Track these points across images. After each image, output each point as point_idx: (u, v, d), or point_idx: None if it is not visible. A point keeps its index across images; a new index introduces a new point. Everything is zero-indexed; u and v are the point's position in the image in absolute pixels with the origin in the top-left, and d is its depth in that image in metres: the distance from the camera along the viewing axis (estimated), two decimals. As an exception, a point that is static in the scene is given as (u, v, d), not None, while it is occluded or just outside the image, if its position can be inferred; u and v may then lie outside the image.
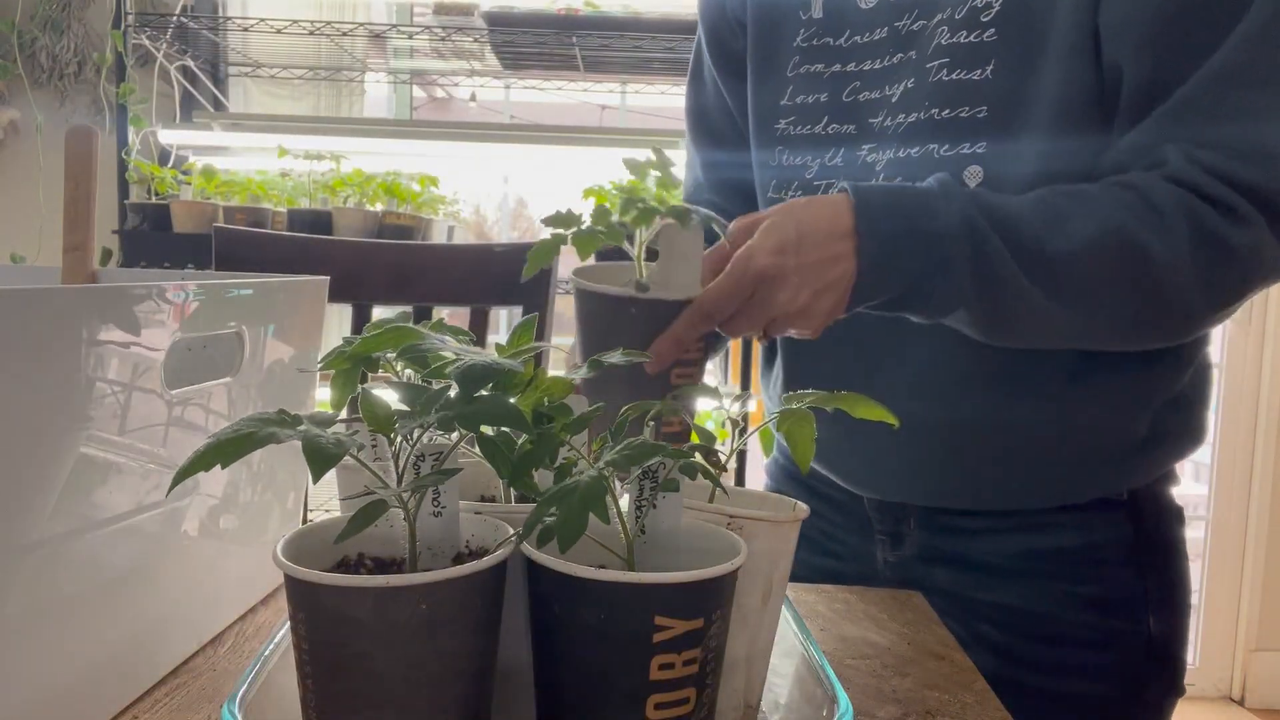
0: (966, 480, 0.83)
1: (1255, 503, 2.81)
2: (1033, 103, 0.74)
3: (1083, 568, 0.81)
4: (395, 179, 2.28)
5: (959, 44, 0.77)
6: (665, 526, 0.51)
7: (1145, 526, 0.81)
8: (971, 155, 0.77)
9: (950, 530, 0.85)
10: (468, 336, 0.53)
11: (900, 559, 0.89)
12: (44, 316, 0.49)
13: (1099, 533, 0.81)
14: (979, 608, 0.84)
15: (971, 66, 0.76)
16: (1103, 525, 0.81)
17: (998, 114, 0.76)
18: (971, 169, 0.76)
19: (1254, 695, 2.82)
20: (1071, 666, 0.81)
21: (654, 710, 0.46)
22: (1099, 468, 0.81)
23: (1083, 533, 0.81)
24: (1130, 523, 0.81)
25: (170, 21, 2.49)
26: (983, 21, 0.76)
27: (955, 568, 0.85)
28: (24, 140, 2.62)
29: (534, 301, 1.27)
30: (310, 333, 0.81)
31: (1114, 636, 0.81)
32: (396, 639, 0.44)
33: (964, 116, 0.77)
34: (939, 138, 0.78)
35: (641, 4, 2.59)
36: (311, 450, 0.42)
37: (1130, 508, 0.81)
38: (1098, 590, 0.81)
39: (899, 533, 0.88)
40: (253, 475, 0.74)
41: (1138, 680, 0.82)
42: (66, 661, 0.54)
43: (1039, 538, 0.82)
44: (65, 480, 0.52)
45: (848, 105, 0.85)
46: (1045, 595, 0.82)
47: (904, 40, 0.82)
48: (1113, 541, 0.81)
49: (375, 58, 3.00)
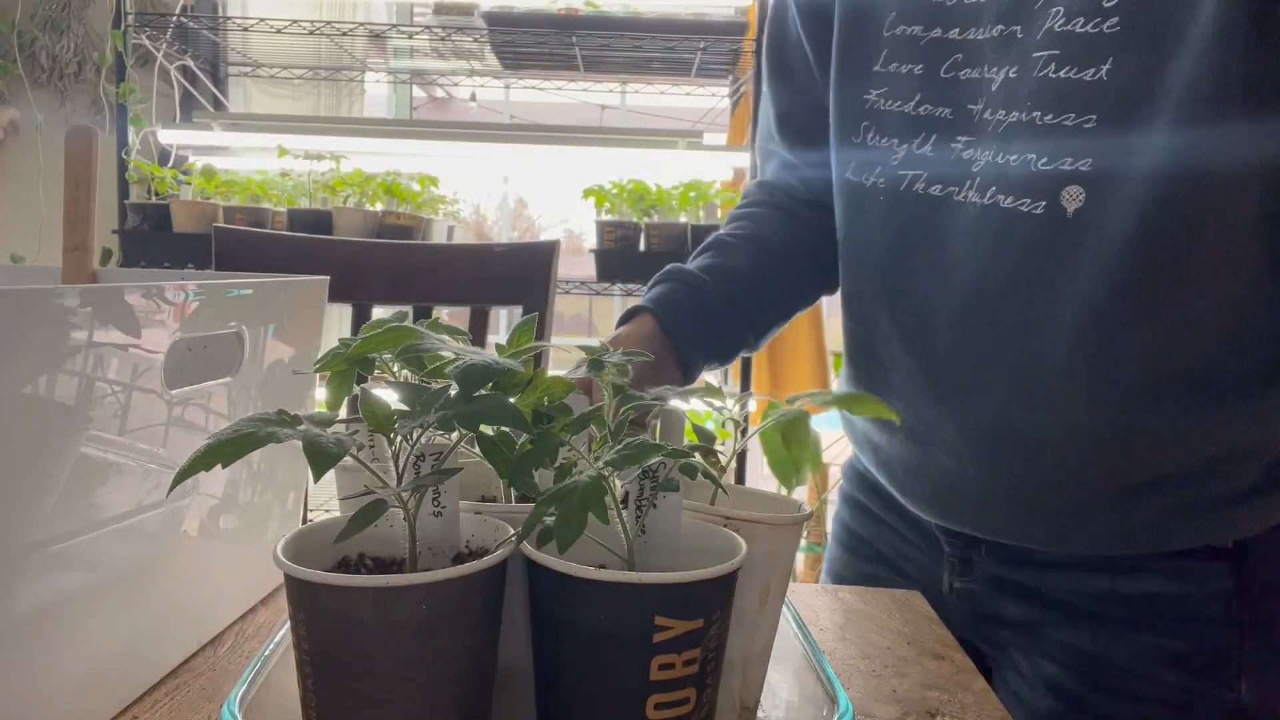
0: (1041, 523, 0.75)
1: None
2: (1155, 102, 0.63)
3: (1171, 619, 0.72)
4: (395, 179, 2.28)
5: (1073, 34, 0.65)
6: (665, 526, 0.51)
7: (1251, 580, 0.71)
8: (1073, 174, 0.67)
9: (1025, 563, 0.77)
10: (465, 336, 0.53)
11: (968, 586, 0.82)
12: (44, 316, 0.49)
13: (1195, 582, 0.71)
14: (1049, 647, 0.76)
15: (1085, 64, 0.65)
16: (1200, 574, 0.71)
17: (1110, 123, 0.65)
18: (1070, 190, 0.67)
19: (1254, 695, 2.81)
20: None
21: (654, 710, 0.46)
22: (1198, 518, 0.71)
23: (1176, 581, 0.72)
24: (1233, 575, 0.71)
25: (170, 21, 2.49)
26: (1105, 8, 0.64)
27: (1028, 602, 0.78)
28: (24, 140, 2.62)
29: (534, 301, 1.27)
30: (310, 333, 0.81)
31: (1196, 699, 0.71)
32: (396, 639, 0.44)
33: (1069, 125, 0.66)
34: (1038, 147, 0.68)
35: (641, 4, 2.59)
36: (312, 450, 0.42)
37: (1235, 557, 0.71)
38: (1185, 646, 0.71)
39: (969, 559, 0.81)
40: (253, 475, 0.74)
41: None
42: (66, 661, 0.54)
43: (1125, 581, 0.73)
44: (65, 480, 0.52)
45: (946, 82, 0.74)
46: (1124, 644, 0.73)
47: (1014, 7, 0.70)
48: (1210, 594, 0.71)
49: (375, 58, 3.00)
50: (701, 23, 2.47)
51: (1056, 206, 0.67)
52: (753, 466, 2.33)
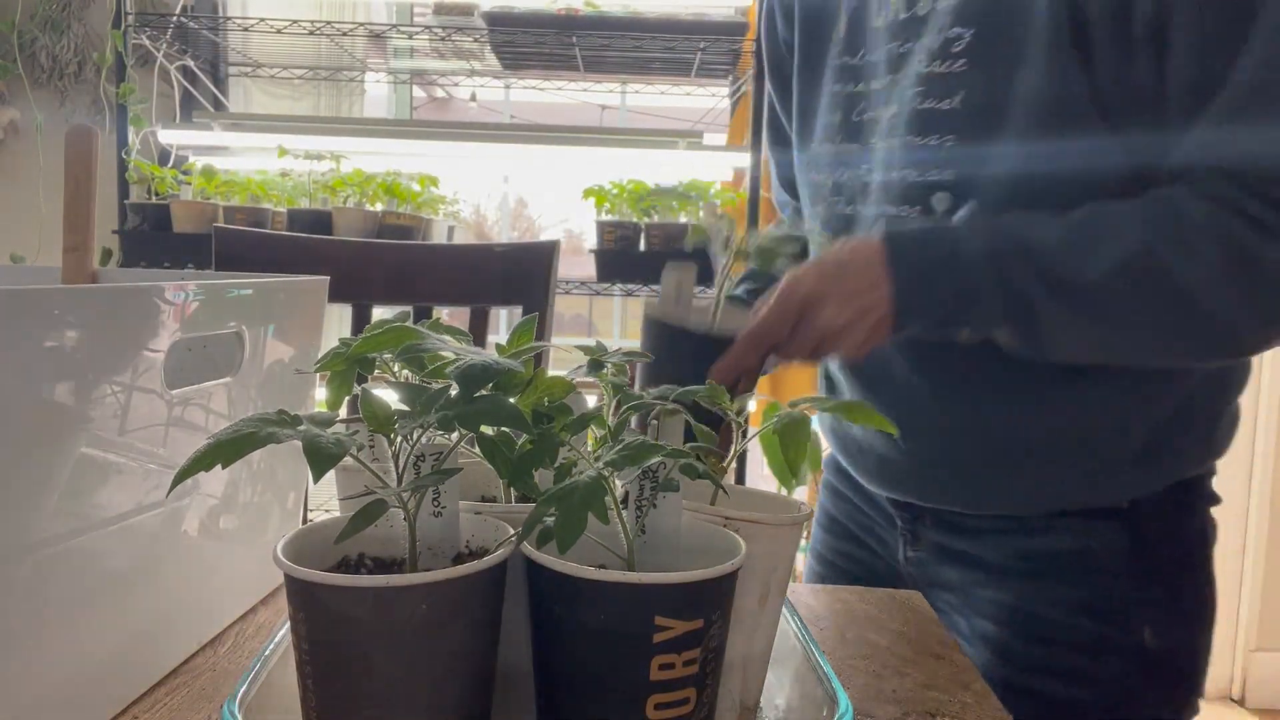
0: (966, 484, 0.86)
1: (1255, 503, 2.81)
2: (1005, 115, 0.75)
3: (1078, 572, 0.82)
4: (395, 179, 2.28)
5: (933, 74, 0.79)
6: (665, 526, 0.51)
7: (1147, 537, 0.81)
8: (939, 182, 0.80)
9: (960, 530, 0.88)
10: (465, 336, 0.53)
11: (918, 556, 0.92)
12: (44, 316, 0.49)
13: (1095, 539, 0.82)
14: (981, 605, 0.86)
15: (941, 97, 0.79)
16: (1100, 531, 0.81)
17: (965, 141, 0.78)
18: (939, 195, 0.80)
19: (1254, 695, 2.82)
20: (1063, 669, 0.82)
21: (654, 710, 0.46)
22: (1095, 477, 0.81)
23: (1079, 538, 0.82)
24: (1128, 531, 0.81)
25: (170, 21, 2.49)
26: (953, 53, 0.78)
27: (962, 565, 0.88)
28: (24, 140, 2.62)
29: (534, 301, 1.27)
30: (310, 333, 0.81)
31: (1105, 642, 0.81)
32: (396, 639, 0.44)
33: (933, 144, 0.80)
34: (913, 164, 0.82)
35: (641, 4, 2.59)
36: (312, 450, 0.42)
37: (1129, 517, 0.81)
38: (1091, 595, 0.82)
39: (916, 531, 0.92)
40: (253, 475, 0.74)
41: (1131, 691, 0.82)
42: (67, 661, 0.54)
43: (1038, 540, 0.84)
44: (65, 480, 0.52)
45: (855, 124, 0.90)
46: (1041, 596, 0.83)
47: (896, 62, 0.84)
48: (1108, 549, 0.81)
49: (375, 58, 3.00)
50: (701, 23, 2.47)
51: (929, 210, 0.81)
52: (753, 467, 2.33)
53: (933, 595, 0.91)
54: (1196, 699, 0.84)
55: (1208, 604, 0.83)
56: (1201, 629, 0.83)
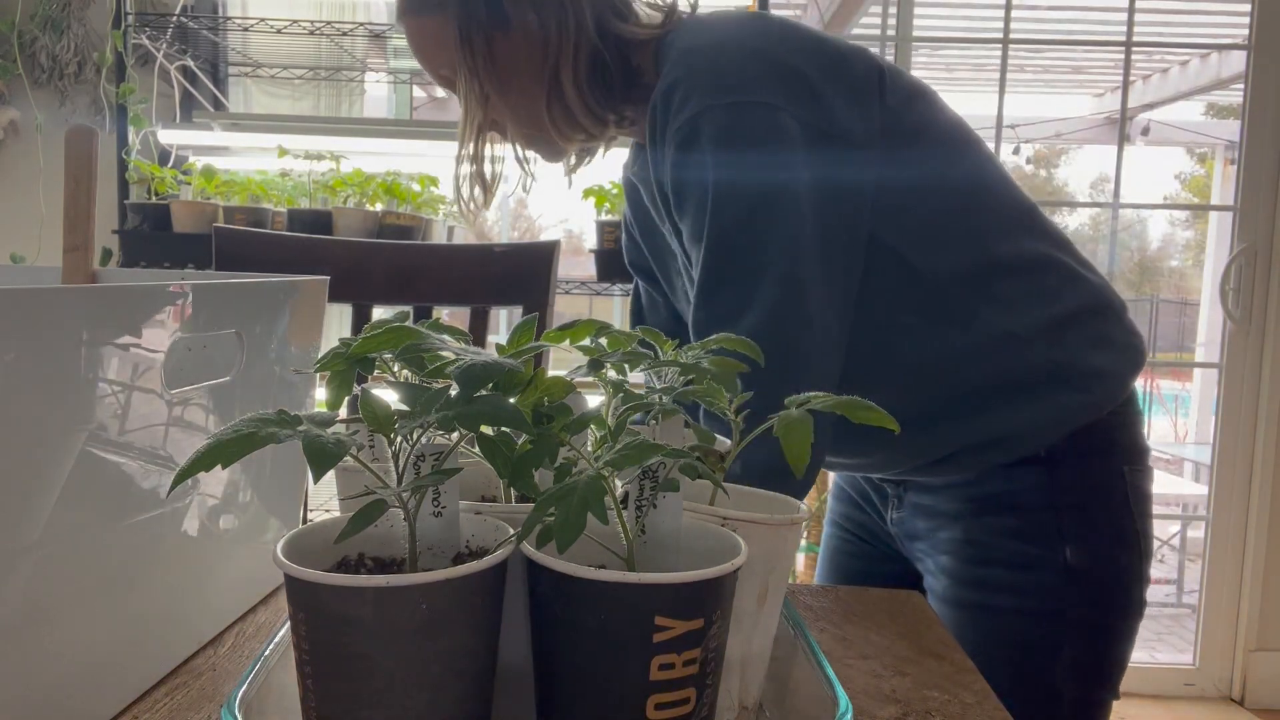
0: (918, 469, 1.05)
1: (1255, 503, 2.81)
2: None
3: (1008, 507, 1.01)
4: (395, 179, 2.28)
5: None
6: (665, 526, 0.51)
7: (1061, 475, 0.99)
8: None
9: (927, 489, 1.08)
10: (466, 336, 0.53)
11: (899, 515, 1.12)
12: (44, 316, 0.49)
13: (1018, 481, 1.00)
14: (941, 545, 1.05)
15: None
16: (1022, 475, 1.00)
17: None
18: None
19: (1254, 695, 2.82)
20: (1004, 583, 0.99)
21: (654, 710, 0.46)
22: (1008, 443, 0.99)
23: (1007, 482, 1.01)
24: (1046, 473, 0.99)
25: (170, 21, 2.49)
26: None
27: (928, 516, 1.08)
28: (24, 140, 2.62)
29: (534, 301, 1.27)
30: (310, 333, 0.81)
31: (1035, 560, 0.98)
32: (396, 639, 0.44)
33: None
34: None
35: (641, 4, 2.58)
36: (312, 450, 0.42)
37: (1046, 462, 0.99)
38: (1019, 523, 1.00)
39: (900, 496, 1.11)
40: (253, 475, 0.74)
41: (1060, 598, 0.98)
42: (67, 661, 0.54)
43: (976, 488, 1.03)
44: (65, 480, 0.52)
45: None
46: (981, 527, 1.02)
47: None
48: (1029, 487, 0.99)
49: (375, 58, 3.00)
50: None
51: None
52: (753, 466, 2.33)
53: (910, 547, 1.10)
54: (1133, 618, 1.00)
55: (1128, 532, 0.99)
56: (1123, 550, 0.99)
